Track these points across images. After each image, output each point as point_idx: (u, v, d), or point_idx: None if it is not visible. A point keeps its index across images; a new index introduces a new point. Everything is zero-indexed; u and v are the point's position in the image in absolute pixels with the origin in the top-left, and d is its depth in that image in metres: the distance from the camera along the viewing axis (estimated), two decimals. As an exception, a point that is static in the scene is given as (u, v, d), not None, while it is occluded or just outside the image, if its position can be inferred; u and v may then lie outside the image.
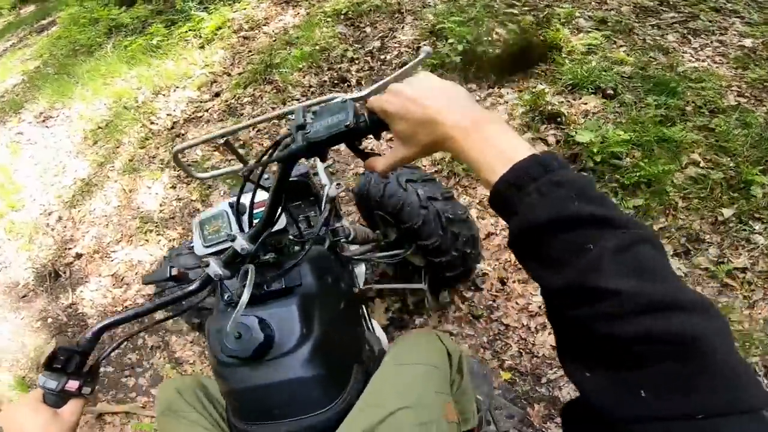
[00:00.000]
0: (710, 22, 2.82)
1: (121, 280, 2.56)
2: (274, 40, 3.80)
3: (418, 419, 0.66)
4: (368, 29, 3.57)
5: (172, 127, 3.09)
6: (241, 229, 0.74)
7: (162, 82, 3.67)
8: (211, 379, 0.86)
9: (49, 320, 2.54)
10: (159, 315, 0.76)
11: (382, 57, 3.25)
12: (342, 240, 1.07)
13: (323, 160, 0.61)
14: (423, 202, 1.21)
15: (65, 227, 2.88)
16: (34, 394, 0.62)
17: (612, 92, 2.26)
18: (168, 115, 3.34)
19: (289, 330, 0.67)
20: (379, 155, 0.56)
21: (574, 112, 2.23)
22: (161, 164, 2.93)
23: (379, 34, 3.49)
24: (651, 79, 2.33)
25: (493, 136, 0.43)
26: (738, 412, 0.29)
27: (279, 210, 0.70)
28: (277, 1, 4.35)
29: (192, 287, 0.69)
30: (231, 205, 0.77)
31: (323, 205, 0.98)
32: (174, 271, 0.83)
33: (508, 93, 2.47)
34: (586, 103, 2.25)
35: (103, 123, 3.53)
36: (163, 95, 3.57)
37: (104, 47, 4.71)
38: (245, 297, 0.60)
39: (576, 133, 2.05)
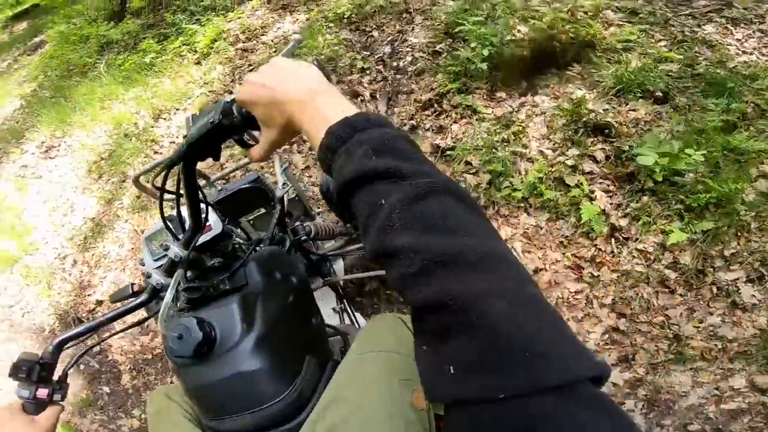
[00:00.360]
0: (746, 9, 2.50)
1: (146, 326, 2.38)
2: (275, 51, 3.51)
3: (383, 411, 0.61)
4: (375, 33, 3.27)
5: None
6: (177, 239, 0.75)
7: (161, 103, 3.42)
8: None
9: (82, 367, 2.40)
10: (119, 326, 0.81)
11: (395, 64, 2.96)
12: (302, 238, 1.08)
13: (216, 159, 0.60)
14: None
15: (81, 272, 2.71)
16: (14, 403, 0.66)
17: (662, 95, 1.99)
18: (171, 143, 3.10)
19: (231, 327, 0.67)
20: (254, 146, 0.56)
21: (622, 120, 1.96)
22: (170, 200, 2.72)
23: (388, 38, 3.20)
24: (702, 77, 2.05)
25: (322, 106, 0.43)
26: (543, 390, 0.25)
27: (202, 213, 0.71)
28: (273, 7, 4.04)
29: (140, 299, 0.73)
30: (165, 218, 0.77)
31: (275, 206, 1.03)
32: (135, 287, 0.85)
33: (543, 101, 2.19)
34: (635, 110, 1.98)
35: (105, 153, 3.31)
36: (164, 119, 3.33)
37: (97, 66, 4.44)
38: (168, 298, 0.64)
39: (632, 149, 1.79)
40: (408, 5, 3.38)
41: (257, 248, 0.86)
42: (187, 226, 0.73)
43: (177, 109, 3.33)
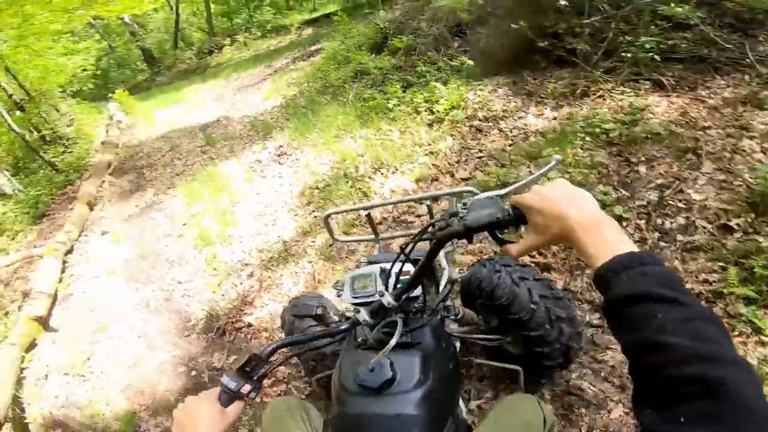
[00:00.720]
0: None
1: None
2: (511, 144, 3.14)
3: None
4: (642, 168, 2.55)
5: (380, 222, 2.75)
6: (386, 289, 0.87)
7: (385, 156, 3.44)
8: (312, 404, 1.05)
9: (193, 373, 2.48)
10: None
11: (660, 222, 2.21)
12: (451, 317, 1.26)
13: (470, 242, 0.72)
14: (533, 298, 1.27)
15: (251, 288, 2.85)
16: (213, 392, 0.73)
17: None
18: (377, 194, 3.05)
19: (410, 375, 0.77)
20: (513, 242, 0.65)
21: None
22: (356, 263, 2.61)
23: (658, 181, 2.44)
24: None
25: (607, 234, 0.53)
26: None
27: (421, 279, 0.85)
28: (518, 90, 3.69)
29: (345, 326, 0.87)
30: (382, 269, 0.93)
31: (443, 284, 1.17)
32: (319, 311, 1.24)
33: None
34: None
35: (321, 183, 3.50)
36: (382, 173, 3.32)
37: (347, 92, 4.89)
38: (393, 342, 0.75)
39: None
40: (697, 143, 2.55)
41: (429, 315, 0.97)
42: (391, 280, 0.87)
43: (396, 169, 3.29)
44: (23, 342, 2.94)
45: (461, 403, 1.02)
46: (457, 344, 1.33)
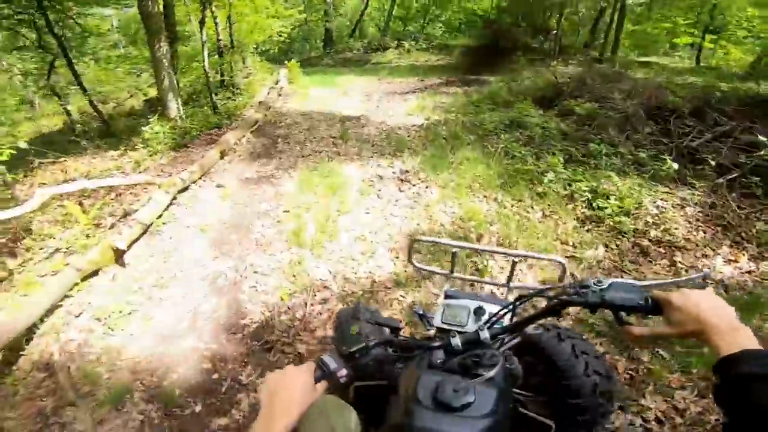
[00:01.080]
0: None
1: None
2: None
3: None
4: None
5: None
6: (483, 325, 0.92)
7: (516, 237, 2.84)
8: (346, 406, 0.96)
9: (215, 376, 2.20)
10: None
11: None
12: (510, 367, 1.18)
13: (593, 312, 0.77)
14: (587, 370, 1.30)
15: (320, 315, 2.51)
16: (308, 366, 0.77)
17: None
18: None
19: (486, 404, 0.79)
20: (633, 325, 0.72)
21: None
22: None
23: None
24: None
25: (739, 336, 0.59)
26: None
27: (523, 329, 0.96)
28: (714, 217, 2.77)
29: (435, 344, 0.90)
30: (479, 307, 1.05)
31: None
32: (401, 324, 1.20)
33: None
34: None
35: (434, 234, 3.04)
36: (506, 259, 2.74)
37: (496, 141, 4.35)
38: (492, 373, 0.81)
39: None
40: None
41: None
42: (484, 318, 1.04)
43: (524, 260, 2.67)
44: (87, 269, 2.79)
45: None
46: None
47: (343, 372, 0.78)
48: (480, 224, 3.02)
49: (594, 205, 3.06)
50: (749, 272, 2.45)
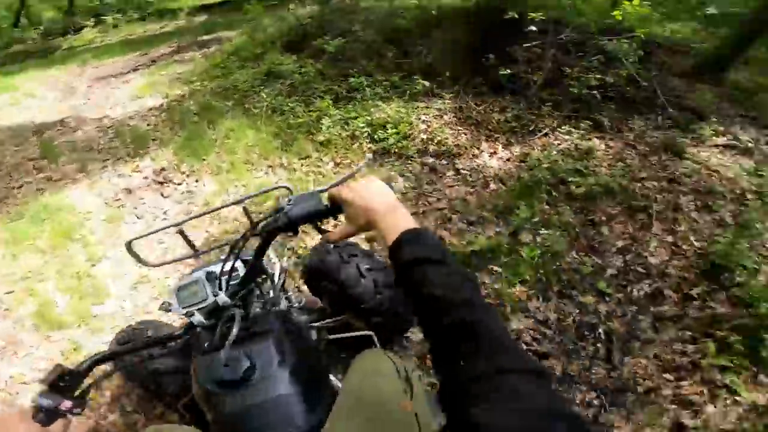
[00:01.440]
0: None
1: None
2: (471, 193, 2.51)
3: (373, 416, 0.75)
4: (604, 230, 2.22)
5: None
6: (219, 289, 0.88)
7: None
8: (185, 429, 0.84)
9: None
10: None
11: (630, 291, 1.90)
12: (295, 305, 1.29)
13: (296, 234, 0.73)
14: (362, 273, 1.35)
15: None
16: (25, 409, 0.63)
17: None
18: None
19: (269, 359, 0.77)
20: (331, 231, 0.70)
21: None
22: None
23: (619, 244, 2.15)
24: None
25: (398, 218, 0.60)
26: (508, 371, 0.41)
27: (254, 276, 0.90)
28: (465, 119, 3.14)
29: (177, 332, 0.85)
30: (208, 273, 0.91)
31: (278, 275, 1.21)
32: (150, 332, 1.18)
33: None
34: None
35: (230, 235, 2.38)
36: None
37: (259, 100, 3.73)
38: (235, 331, 0.74)
39: None
40: (644, 200, 2.33)
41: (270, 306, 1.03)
42: (223, 282, 0.91)
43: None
44: None
45: (334, 378, 1.03)
46: (314, 335, 1.35)
47: (67, 404, 0.65)
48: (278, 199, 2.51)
49: (376, 137, 2.95)
50: (509, 159, 2.81)
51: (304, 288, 1.61)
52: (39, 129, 4.25)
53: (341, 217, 0.67)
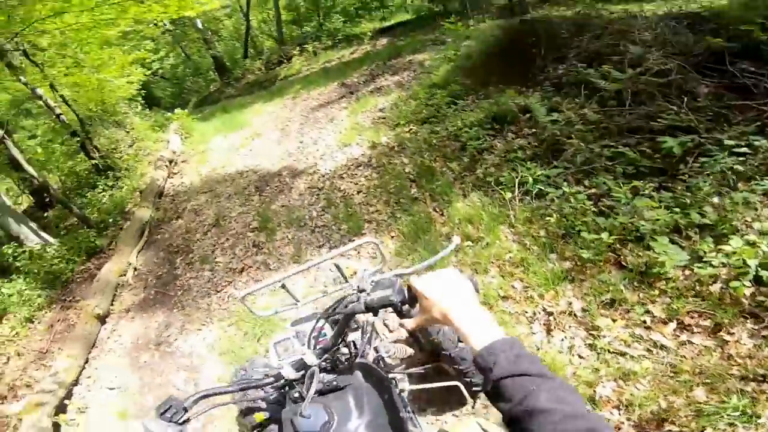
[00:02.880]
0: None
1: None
2: None
3: None
4: None
5: None
6: (308, 347, 0.88)
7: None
8: None
9: None
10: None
11: None
12: (383, 355, 1.25)
13: (375, 315, 0.75)
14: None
15: None
16: None
17: None
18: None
19: (346, 413, 0.76)
20: (410, 317, 0.69)
21: None
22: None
23: None
24: None
25: (472, 319, 0.57)
26: None
27: (339, 341, 0.87)
28: None
29: (268, 380, 0.88)
30: (297, 333, 0.94)
31: (367, 327, 1.16)
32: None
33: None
34: None
35: None
36: None
37: (495, 166, 2.58)
38: (313, 387, 0.75)
39: None
40: None
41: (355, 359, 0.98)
42: (309, 341, 0.88)
43: None
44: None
45: (416, 426, 1.00)
46: (406, 382, 1.33)
47: (170, 430, 0.70)
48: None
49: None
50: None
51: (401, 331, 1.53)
52: (260, 182, 4.14)
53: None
